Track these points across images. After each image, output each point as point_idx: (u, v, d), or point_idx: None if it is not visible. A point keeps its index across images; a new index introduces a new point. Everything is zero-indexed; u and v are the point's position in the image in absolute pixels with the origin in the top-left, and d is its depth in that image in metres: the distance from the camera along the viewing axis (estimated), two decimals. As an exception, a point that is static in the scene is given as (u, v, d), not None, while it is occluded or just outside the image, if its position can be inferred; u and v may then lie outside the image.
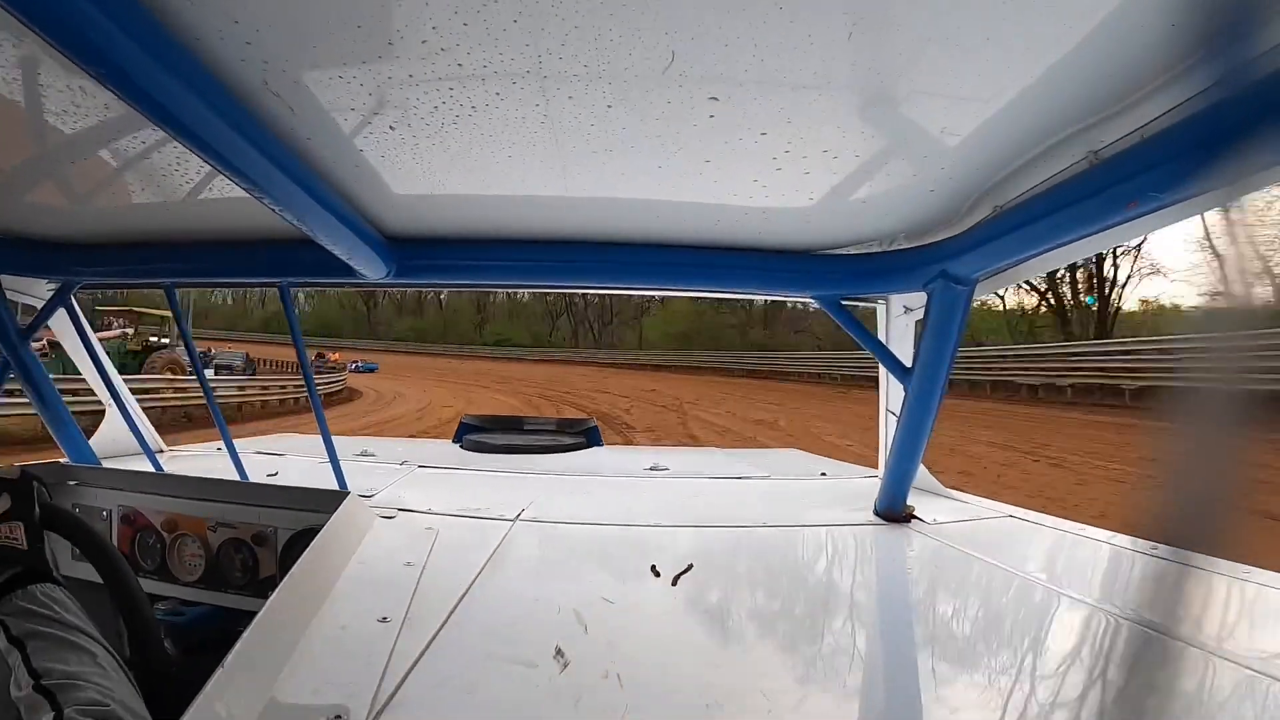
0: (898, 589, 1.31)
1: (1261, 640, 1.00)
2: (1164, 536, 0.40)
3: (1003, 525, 1.66)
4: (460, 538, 1.44)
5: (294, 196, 1.06)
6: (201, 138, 0.84)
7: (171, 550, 1.57)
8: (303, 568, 1.10)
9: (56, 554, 1.63)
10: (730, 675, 0.93)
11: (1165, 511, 0.41)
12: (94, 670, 0.78)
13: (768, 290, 1.63)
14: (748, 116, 0.95)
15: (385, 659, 0.91)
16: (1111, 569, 1.33)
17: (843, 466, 2.56)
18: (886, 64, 0.82)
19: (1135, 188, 0.85)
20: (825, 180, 1.15)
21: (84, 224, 1.54)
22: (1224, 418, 0.41)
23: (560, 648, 0.96)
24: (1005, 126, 0.95)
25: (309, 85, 0.88)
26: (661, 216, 1.37)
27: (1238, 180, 0.51)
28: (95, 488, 1.68)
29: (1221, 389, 0.41)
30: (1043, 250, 1.11)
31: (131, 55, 0.69)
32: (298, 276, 1.64)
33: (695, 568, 1.28)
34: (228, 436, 1.97)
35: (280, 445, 2.67)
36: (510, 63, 0.82)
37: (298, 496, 1.51)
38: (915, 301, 1.62)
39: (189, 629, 1.50)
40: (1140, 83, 0.81)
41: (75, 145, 1.08)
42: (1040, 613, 1.16)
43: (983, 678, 0.94)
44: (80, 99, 0.91)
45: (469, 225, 1.47)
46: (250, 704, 0.81)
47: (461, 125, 0.99)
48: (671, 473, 2.36)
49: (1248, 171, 0.51)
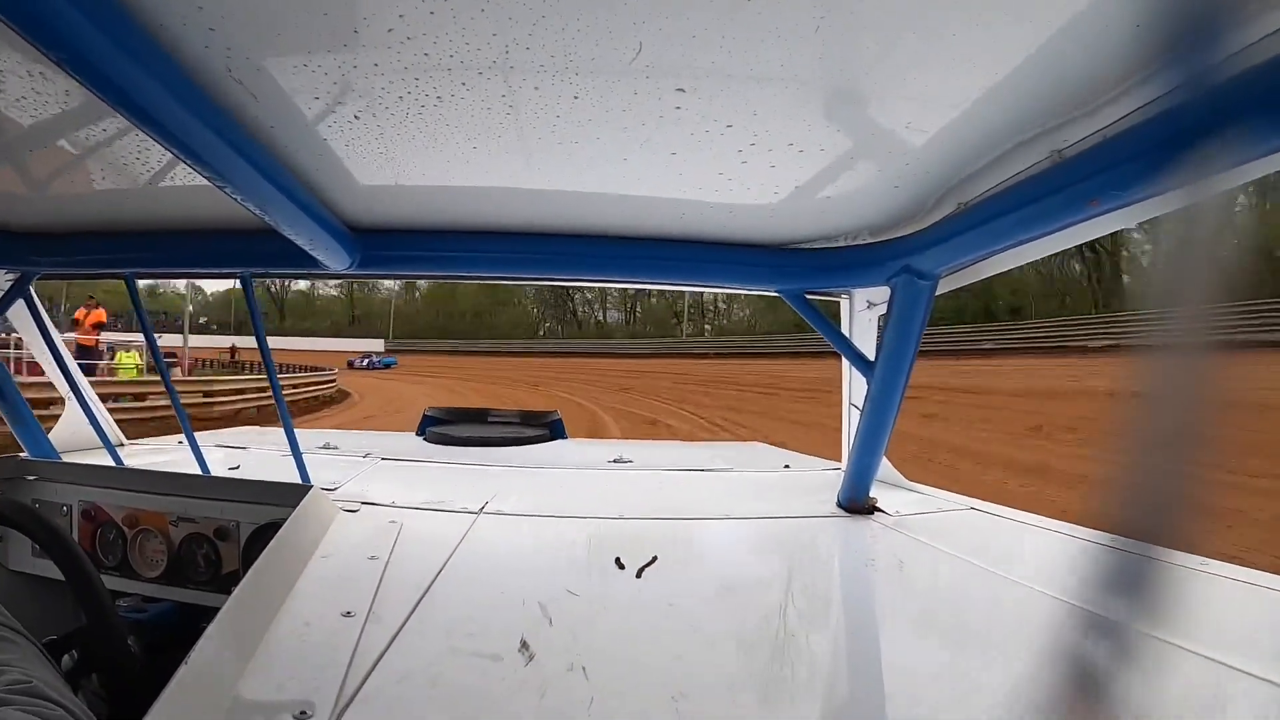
0: (860, 580, 1.33)
1: (1218, 629, 1.02)
2: (1123, 530, 0.41)
3: (964, 517, 1.69)
4: (424, 531, 1.44)
5: (256, 186, 1.05)
6: (163, 125, 0.82)
7: (133, 546, 1.54)
8: (266, 563, 1.10)
9: (15, 550, 1.61)
10: (695, 666, 0.93)
11: (1124, 505, 0.42)
12: (14, 657, 0.77)
13: (732, 284, 1.64)
14: (714, 109, 0.95)
15: (350, 654, 0.91)
16: (1071, 561, 1.35)
17: (806, 459, 2.58)
18: (853, 60, 0.83)
19: (1097, 186, 0.87)
20: (791, 175, 1.16)
21: (42, 213, 1.51)
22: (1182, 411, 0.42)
23: (525, 640, 0.96)
24: (970, 125, 0.96)
25: (273, 73, 0.87)
26: (627, 209, 1.37)
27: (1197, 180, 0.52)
28: (55, 483, 1.64)
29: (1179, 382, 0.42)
30: (1005, 246, 1.13)
31: (93, 41, 0.67)
32: (259, 266, 1.62)
33: (659, 560, 1.29)
34: (189, 430, 1.94)
35: (242, 438, 2.64)
36: (476, 53, 0.82)
37: (260, 490, 1.49)
38: (879, 296, 1.64)
39: (152, 626, 1.47)
40: (1104, 85, 0.82)
41: (34, 133, 1.05)
42: (999, 603, 1.18)
43: (944, 668, 0.96)
44: (40, 85, 0.90)
45: (433, 216, 1.46)
46: (215, 701, 0.80)
47: (427, 115, 0.99)
48: (635, 465, 2.37)
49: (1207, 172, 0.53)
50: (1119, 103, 0.83)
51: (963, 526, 1.62)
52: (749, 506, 1.74)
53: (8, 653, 0.77)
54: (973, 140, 1.01)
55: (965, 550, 1.40)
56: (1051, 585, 1.17)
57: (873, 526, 1.58)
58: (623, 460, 2.42)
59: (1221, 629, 1.04)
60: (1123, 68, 0.79)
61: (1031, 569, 1.31)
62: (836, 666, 1.00)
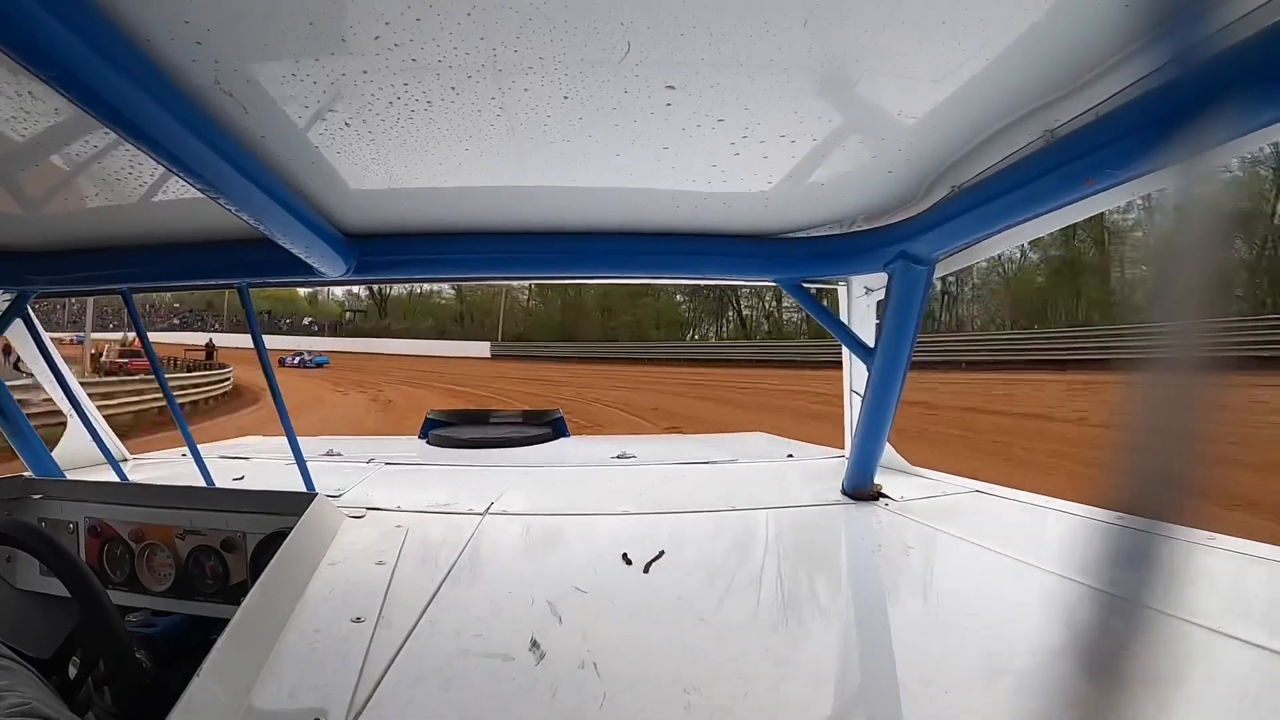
0: (868, 567, 1.33)
1: (1228, 603, 1.02)
2: (1129, 507, 0.41)
3: (970, 500, 1.69)
4: (430, 534, 1.44)
5: (250, 196, 1.05)
6: (154, 139, 0.82)
7: (140, 560, 1.55)
8: (274, 572, 1.10)
9: (23, 569, 1.61)
10: (706, 659, 0.94)
11: (1129, 482, 0.42)
12: (14, 681, 0.78)
13: (729, 274, 1.64)
14: (705, 103, 0.95)
15: (361, 659, 0.91)
16: (1079, 540, 1.35)
17: (809, 448, 2.58)
18: (842, 48, 0.82)
19: (1091, 165, 0.86)
20: (783, 164, 1.15)
21: (37, 232, 1.51)
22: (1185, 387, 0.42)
23: (536, 639, 0.97)
24: (962, 107, 0.96)
25: (262, 83, 0.87)
26: (621, 204, 1.37)
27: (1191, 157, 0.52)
28: (60, 500, 1.65)
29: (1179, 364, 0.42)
30: (1001, 228, 1.13)
31: (81, 57, 0.67)
32: (256, 276, 1.62)
33: (666, 554, 1.29)
34: (191, 442, 1.94)
35: (245, 448, 2.65)
36: (465, 56, 0.82)
37: (265, 500, 1.49)
38: (876, 282, 1.64)
39: (162, 640, 1.48)
40: (1095, 61, 0.82)
41: (25, 151, 1.05)
42: (1009, 585, 1.18)
43: (956, 652, 0.95)
44: (29, 104, 0.89)
45: (428, 219, 1.46)
46: (228, 712, 0.80)
47: (418, 119, 0.98)
48: (639, 460, 2.37)
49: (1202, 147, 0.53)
50: (1110, 79, 0.83)
51: (969, 510, 1.63)
52: (754, 497, 1.74)
53: (6, 678, 0.78)
54: (964, 122, 1.01)
55: (972, 533, 1.40)
56: (1060, 565, 1.17)
57: (879, 513, 1.58)
58: (626, 456, 2.43)
59: (1230, 602, 1.04)
60: (1113, 43, 0.79)
61: (1039, 549, 1.31)
62: (847, 654, 1.00)
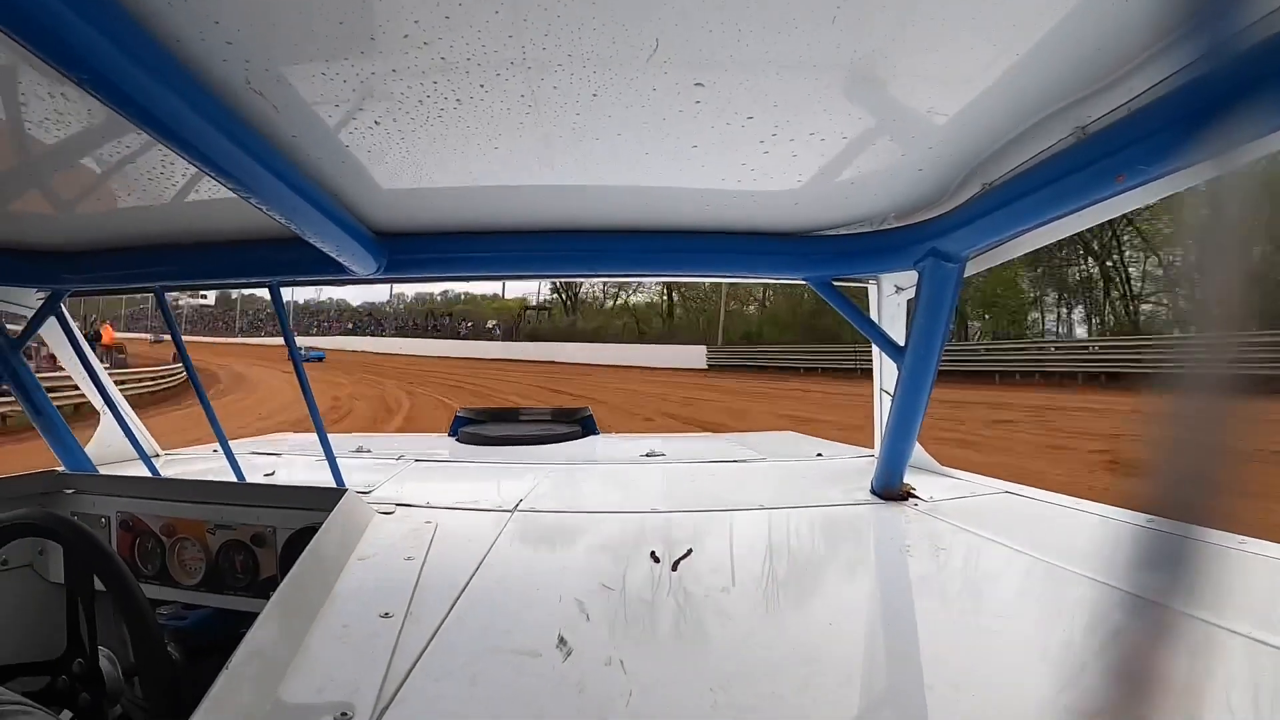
0: (896, 567, 1.32)
1: (1261, 608, 1.01)
2: (1160, 509, 0.40)
3: (1000, 501, 1.67)
4: (459, 530, 1.45)
5: (281, 195, 1.06)
6: (186, 140, 0.83)
7: (171, 554, 1.57)
8: (303, 567, 1.11)
9: (54, 562, 1.64)
10: (733, 658, 0.93)
11: (1161, 485, 0.41)
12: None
13: (759, 273, 1.63)
14: (734, 101, 0.94)
15: (389, 655, 0.92)
16: (1109, 542, 1.33)
17: (838, 447, 2.57)
18: (872, 45, 0.81)
19: (1123, 161, 0.85)
20: (813, 162, 1.14)
21: (71, 231, 1.53)
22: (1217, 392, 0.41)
23: (563, 636, 0.97)
24: (992, 104, 0.95)
25: (292, 83, 0.88)
26: (650, 202, 1.37)
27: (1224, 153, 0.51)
28: (93, 495, 1.68)
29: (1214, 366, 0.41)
30: (1032, 226, 1.11)
31: (113, 60, 0.68)
32: (287, 275, 1.63)
33: (694, 552, 1.29)
34: (223, 438, 1.96)
35: (276, 445, 2.68)
36: (494, 54, 0.82)
37: (295, 495, 1.51)
38: (906, 281, 1.62)
39: (192, 632, 1.50)
40: (1127, 57, 0.81)
41: (59, 153, 1.07)
42: (1041, 587, 1.16)
43: (985, 653, 0.94)
44: (63, 106, 0.91)
45: (457, 217, 1.46)
46: (256, 704, 0.81)
47: (447, 118, 0.99)
48: (668, 458, 2.36)
49: (1234, 144, 0.51)
50: (1142, 75, 0.81)
51: (999, 510, 1.61)
52: (783, 496, 1.73)
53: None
54: (995, 119, 1.00)
55: (1002, 534, 1.38)
56: (1091, 567, 1.16)
57: (908, 512, 1.57)
58: (655, 454, 2.42)
59: (1262, 608, 1.02)
60: (1145, 38, 0.77)
61: (1070, 551, 1.29)
62: (875, 655, 0.99)
